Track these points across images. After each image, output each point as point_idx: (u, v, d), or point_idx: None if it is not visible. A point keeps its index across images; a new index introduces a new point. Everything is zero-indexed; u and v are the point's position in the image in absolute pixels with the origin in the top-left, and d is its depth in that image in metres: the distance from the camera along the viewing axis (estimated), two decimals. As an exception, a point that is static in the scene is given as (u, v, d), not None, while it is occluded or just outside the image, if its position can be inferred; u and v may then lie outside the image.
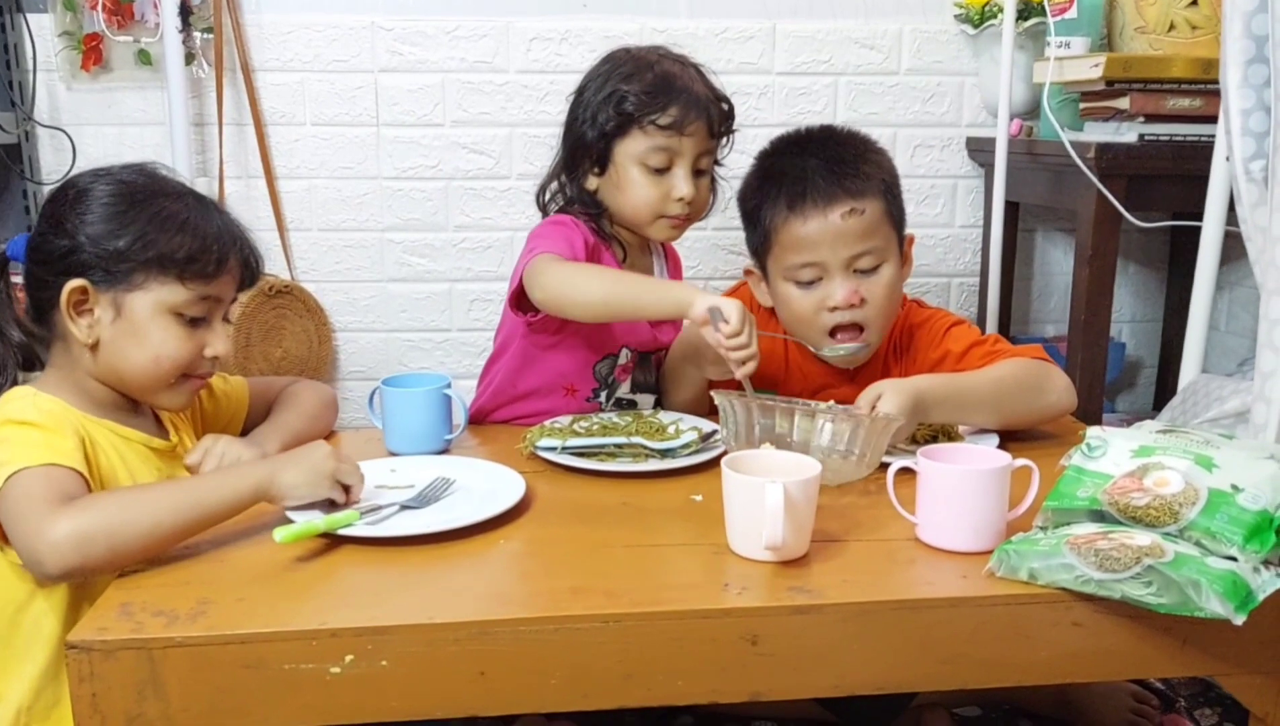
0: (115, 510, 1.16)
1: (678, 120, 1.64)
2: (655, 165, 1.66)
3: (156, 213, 1.33)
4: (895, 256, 1.65)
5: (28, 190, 2.36)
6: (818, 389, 1.72)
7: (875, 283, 1.63)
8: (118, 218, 1.32)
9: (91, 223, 1.31)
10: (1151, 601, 1.06)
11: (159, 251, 1.31)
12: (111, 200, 1.33)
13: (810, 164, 1.63)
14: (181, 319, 1.34)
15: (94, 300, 1.31)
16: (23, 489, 1.17)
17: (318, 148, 2.45)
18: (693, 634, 1.06)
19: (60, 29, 2.32)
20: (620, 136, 1.67)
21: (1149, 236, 2.59)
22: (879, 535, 1.25)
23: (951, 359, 1.67)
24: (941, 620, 1.09)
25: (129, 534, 1.15)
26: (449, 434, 1.56)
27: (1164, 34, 2.17)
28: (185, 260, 1.32)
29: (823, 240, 1.61)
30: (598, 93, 1.69)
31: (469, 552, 1.21)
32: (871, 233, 1.61)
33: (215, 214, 1.39)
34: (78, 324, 1.31)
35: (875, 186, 1.63)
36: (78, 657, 1.00)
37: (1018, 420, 1.59)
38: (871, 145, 1.70)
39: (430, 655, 1.04)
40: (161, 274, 1.32)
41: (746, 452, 1.26)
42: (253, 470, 1.28)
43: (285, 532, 1.18)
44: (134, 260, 1.31)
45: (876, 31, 2.51)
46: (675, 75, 1.69)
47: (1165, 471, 1.19)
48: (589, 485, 1.43)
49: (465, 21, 2.42)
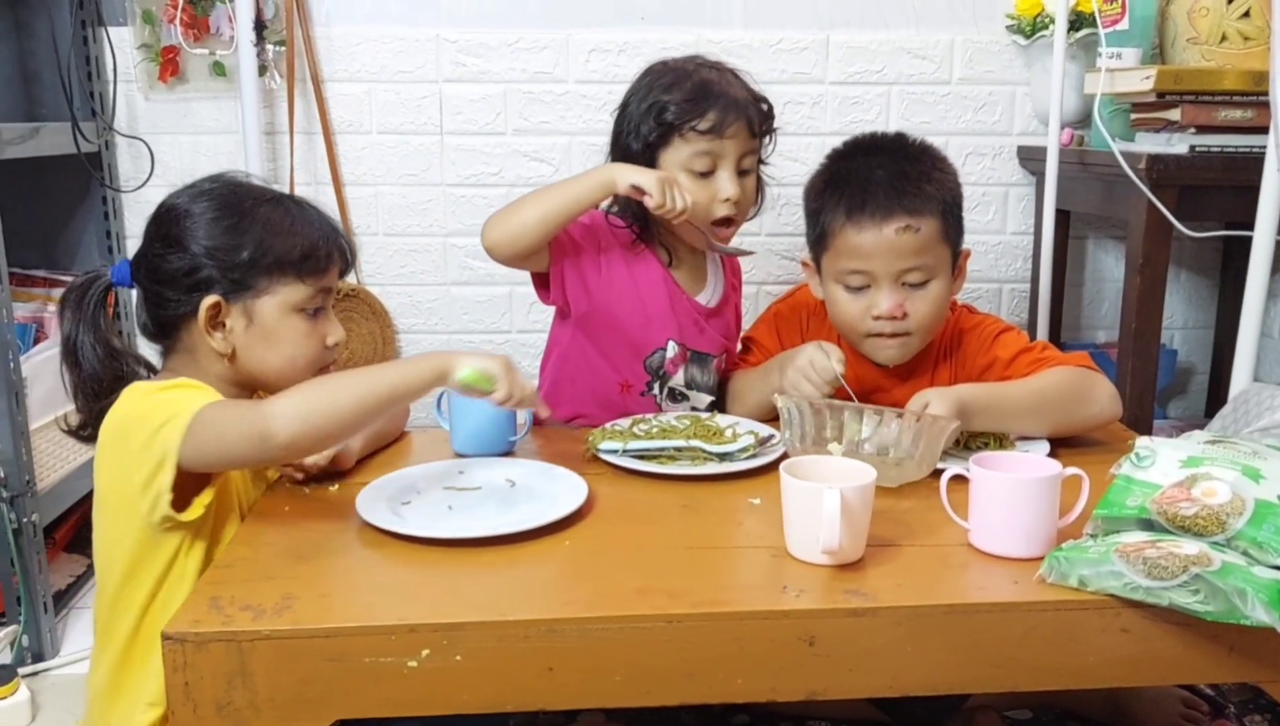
0: (324, 390, 1.30)
1: (717, 124, 1.69)
2: (700, 169, 1.71)
3: (265, 219, 1.41)
4: (946, 273, 1.67)
5: (107, 197, 2.44)
6: (871, 391, 1.74)
7: (921, 298, 1.65)
8: (232, 230, 1.39)
9: (208, 238, 1.39)
10: (1198, 609, 1.08)
11: (277, 255, 1.40)
12: (219, 214, 1.40)
13: (875, 174, 1.65)
14: (304, 314, 1.43)
15: (226, 312, 1.40)
16: (214, 411, 1.27)
17: (384, 155, 2.52)
18: (752, 634, 1.10)
19: (139, 42, 2.41)
20: (664, 146, 1.72)
21: (1200, 243, 2.59)
22: (932, 540, 1.27)
23: (999, 365, 1.69)
24: (993, 624, 1.12)
25: (340, 407, 1.27)
26: (514, 436, 1.61)
27: (1216, 45, 2.17)
28: (301, 258, 1.41)
29: (875, 252, 1.63)
30: (640, 105, 1.74)
31: (536, 553, 1.24)
32: (924, 250, 1.63)
33: (311, 210, 1.48)
34: (214, 337, 1.39)
35: (934, 206, 1.63)
36: (173, 648, 1.05)
37: (1061, 428, 1.61)
38: (939, 162, 1.71)
39: (501, 650, 1.08)
40: (282, 275, 1.40)
41: (804, 458, 1.30)
42: (435, 357, 1.37)
43: (468, 374, 1.33)
44: (257, 267, 1.39)
45: (929, 42, 2.54)
46: (713, 81, 1.73)
47: (1213, 482, 1.21)
48: (649, 487, 1.46)
49: (527, 34, 2.48)
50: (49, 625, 2.06)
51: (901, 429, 1.40)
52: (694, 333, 1.82)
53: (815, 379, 1.61)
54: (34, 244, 2.45)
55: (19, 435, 1.95)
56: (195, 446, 1.25)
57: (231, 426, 1.26)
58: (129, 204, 2.50)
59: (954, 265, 1.70)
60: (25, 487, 1.97)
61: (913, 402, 1.49)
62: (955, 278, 1.71)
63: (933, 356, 1.76)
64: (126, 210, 2.50)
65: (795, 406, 1.46)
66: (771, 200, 2.53)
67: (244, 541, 1.29)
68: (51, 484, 2.09)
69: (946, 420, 1.42)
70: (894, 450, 1.41)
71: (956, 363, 1.76)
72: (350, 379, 1.33)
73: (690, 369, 1.83)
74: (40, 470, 2.05)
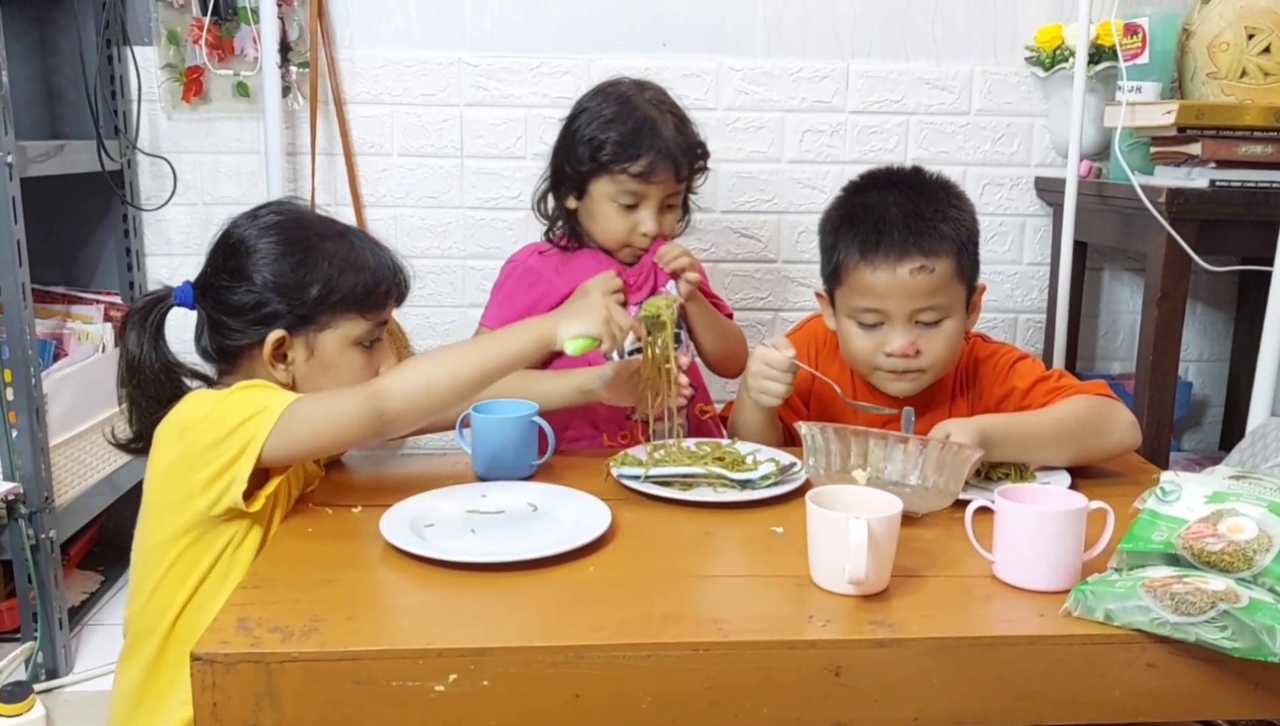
0: (436, 365, 1.37)
1: (646, 170, 1.79)
2: (625, 203, 1.84)
3: (332, 256, 1.45)
4: (960, 311, 1.66)
5: (129, 215, 2.45)
6: (886, 422, 1.72)
7: (935, 336, 1.65)
8: (300, 267, 1.44)
9: (276, 275, 1.43)
10: (1226, 645, 1.08)
11: (343, 294, 1.45)
12: (286, 250, 1.44)
13: (890, 212, 1.63)
14: (362, 347, 1.47)
15: (289, 345, 1.45)
16: (312, 401, 1.34)
17: (404, 177, 2.53)
18: (778, 664, 1.09)
19: (164, 61, 2.42)
20: (595, 177, 1.84)
21: (1216, 276, 2.59)
22: (957, 571, 1.27)
23: (1017, 395, 1.69)
24: (1019, 657, 1.12)
25: (449, 380, 1.35)
26: (536, 460, 1.61)
27: (1236, 80, 2.18)
28: (364, 295, 1.45)
29: (889, 292, 1.62)
30: (584, 130, 1.84)
31: (561, 578, 1.24)
32: (938, 291, 1.62)
33: (374, 245, 1.53)
34: (277, 369, 1.43)
35: (949, 246, 1.62)
36: (201, 669, 1.05)
37: (1082, 458, 1.60)
38: (955, 199, 1.69)
39: (528, 676, 1.07)
40: (345, 312, 1.44)
41: (829, 488, 1.29)
42: (537, 324, 1.44)
43: (576, 345, 1.41)
44: (323, 304, 1.44)
45: (948, 72, 2.55)
46: (652, 121, 1.82)
47: (1239, 518, 1.21)
48: (671, 513, 1.46)
49: (548, 59, 2.49)
50: (64, 641, 2.06)
51: (925, 457, 1.40)
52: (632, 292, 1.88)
53: (775, 374, 1.61)
54: (54, 261, 2.45)
55: (39, 452, 1.96)
56: (286, 439, 1.30)
57: (341, 409, 1.33)
58: (150, 222, 2.51)
59: (968, 301, 1.69)
60: (44, 504, 1.97)
61: (934, 433, 1.49)
62: (970, 313, 1.70)
63: (949, 389, 1.76)
64: (147, 228, 2.52)
65: (819, 432, 1.46)
66: (789, 228, 2.58)
67: (270, 562, 1.29)
68: (68, 500, 2.09)
69: (971, 449, 1.42)
70: (917, 478, 1.41)
71: (974, 393, 1.76)
72: (458, 353, 1.41)
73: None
74: (57, 486, 2.05)
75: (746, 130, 2.56)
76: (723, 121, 2.55)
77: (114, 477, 2.26)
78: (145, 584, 1.37)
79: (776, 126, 2.56)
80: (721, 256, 2.61)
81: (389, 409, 1.33)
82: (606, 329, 1.44)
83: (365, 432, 1.35)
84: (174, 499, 1.34)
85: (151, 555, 1.36)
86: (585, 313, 1.45)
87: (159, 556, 1.35)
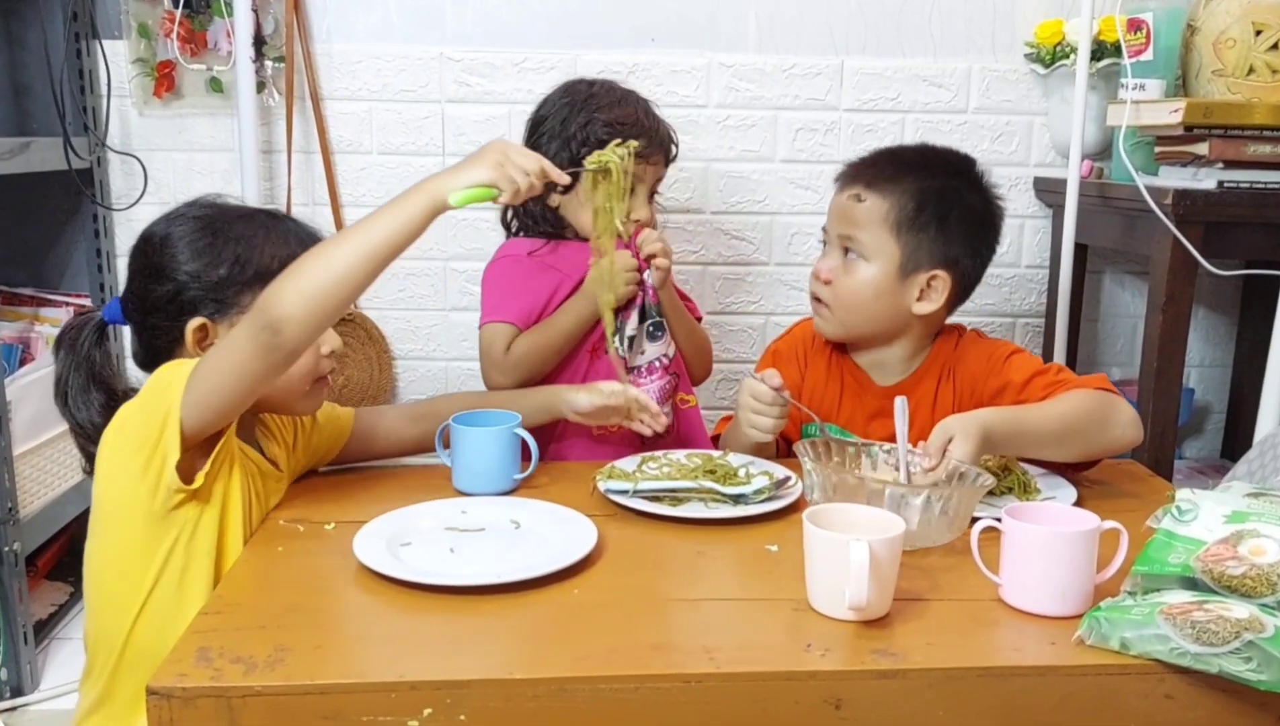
0: (315, 259, 1.24)
1: (645, 151, 1.76)
2: None
3: (240, 235, 1.40)
4: (886, 266, 1.65)
5: (98, 215, 2.39)
6: (872, 416, 1.72)
7: (850, 273, 1.67)
8: (209, 250, 1.39)
9: (187, 261, 1.39)
10: (1251, 678, 1.03)
11: (256, 268, 1.38)
12: (196, 236, 1.40)
13: (880, 157, 1.73)
14: None
15: (213, 332, 1.39)
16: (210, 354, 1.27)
17: (384, 176, 2.47)
18: (775, 695, 1.04)
19: (134, 56, 2.37)
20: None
21: (1220, 281, 2.55)
22: (961, 595, 1.22)
23: (1013, 389, 1.65)
24: (1030, 688, 1.06)
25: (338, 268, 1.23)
26: (519, 474, 1.55)
27: (1243, 78, 2.13)
28: (281, 268, 1.33)
29: (832, 212, 1.72)
30: (570, 119, 1.84)
31: (544, 601, 1.19)
32: (860, 224, 1.66)
33: (288, 221, 1.48)
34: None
35: (896, 192, 1.65)
36: (157, 704, 0.99)
37: (1083, 455, 1.57)
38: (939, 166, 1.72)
39: (508, 710, 1.02)
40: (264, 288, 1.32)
41: (828, 506, 1.24)
42: (423, 188, 1.28)
43: (460, 196, 1.26)
44: (237, 283, 1.38)
45: (945, 69, 2.50)
46: (645, 106, 1.88)
47: (1261, 539, 1.15)
48: (660, 530, 1.41)
49: (533, 54, 2.43)
50: (29, 657, 2.00)
51: (932, 498, 1.32)
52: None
53: (762, 408, 1.59)
54: (22, 262, 2.41)
55: (2, 461, 1.90)
56: (198, 397, 1.24)
57: (238, 347, 1.24)
58: (120, 222, 2.45)
59: (905, 272, 1.65)
60: (8, 515, 1.91)
61: (935, 436, 1.43)
62: (919, 295, 1.66)
63: (934, 378, 1.73)
64: (118, 228, 2.45)
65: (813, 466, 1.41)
66: (782, 229, 2.53)
67: (234, 585, 1.23)
68: (35, 511, 2.04)
69: (978, 484, 1.35)
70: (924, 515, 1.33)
71: (958, 384, 1.72)
72: (340, 239, 1.28)
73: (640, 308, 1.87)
74: (23, 496, 1.99)
75: (738, 128, 2.50)
76: (713, 119, 2.49)
77: (83, 486, 2.20)
78: (97, 598, 1.32)
79: (769, 125, 2.51)
80: (712, 259, 2.55)
81: (275, 316, 1.21)
82: (501, 173, 1.29)
83: (263, 356, 1.23)
84: (119, 502, 1.29)
85: (102, 567, 1.31)
86: (477, 158, 1.30)
87: (108, 566, 1.30)
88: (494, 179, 1.29)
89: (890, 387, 1.73)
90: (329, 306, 1.25)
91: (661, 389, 1.85)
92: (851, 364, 1.76)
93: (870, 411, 1.73)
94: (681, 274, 2.29)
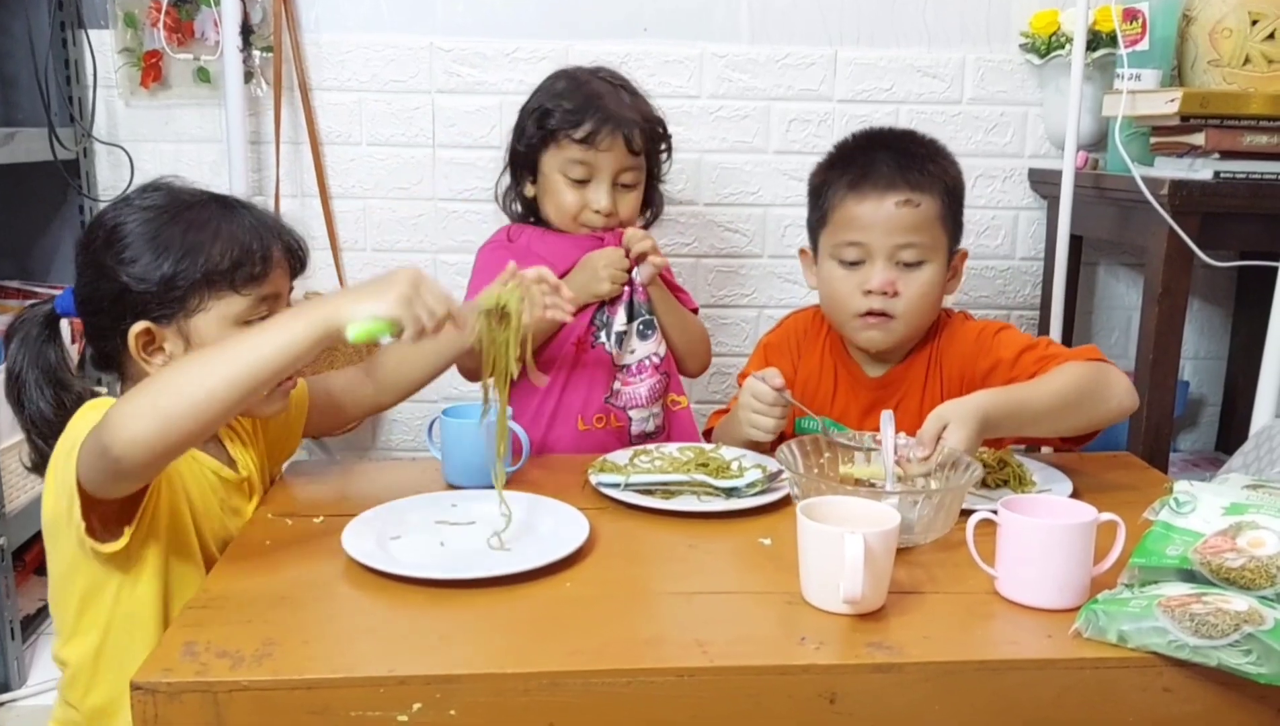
0: (162, 382, 1.11)
1: (591, 135, 1.76)
2: (576, 176, 1.80)
3: (187, 229, 1.28)
4: (941, 261, 1.66)
5: (84, 206, 2.37)
6: (866, 409, 1.72)
7: (914, 278, 1.64)
8: (152, 246, 1.27)
9: (130, 260, 1.27)
10: (1250, 670, 1.02)
11: (204, 268, 1.27)
12: (142, 229, 1.28)
13: (880, 154, 1.67)
14: (248, 327, 1.29)
15: (160, 337, 1.29)
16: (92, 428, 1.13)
17: (373, 168, 2.45)
18: (770, 690, 1.03)
19: (120, 45, 2.34)
20: (544, 149, 1.81)
21: (1215, 272, 2.54)
22: (957, 588, 1.21)
23: (1004, 367, 1.64)
24: (1027, 682, 1.05)
25: (191, 397, 1.09)
26: (510, 467, 1.54)
27: (1238, 67, 2.12)
28: (231, 268, 1.28)
29: (874, 223, 1.64)
30: (530, 105, 1.84)
31: (535, 595, 1.18)
32: (921, 228, 1.63)
33: (243, 211, 1.34)
34: (152, 364, 1.28)
35: (936, 186, 1.65)
36: (142, 699, 0.98)
37: (1081, 428, 1.57)
38: (943, 151, 1.73)
39: (499, 705, 1.01)
40: (214, 289, 1.28)
41: (822, 499, 1.22)
42: (319, 308, 1.15)
43: (359, 329, 1.13)
44: (183, 284, 1.27)
45: (940, 60, 2.48)
46: (601, 94, 1.80)
47: (1260, 531, 1.14)
48: (652, 523, 1.39)
49: (524, 44, 2.41)
50: (16, 653, 1.99)
51: (921, 503, 1.30)
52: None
53: (763, 408, 1.58)
54: (8, 254, 2.38)
55: (-13, 455, 1.87)
56: (84, 472, 1.13)
57: (88, 442, 1.12)
58: (108, 214, 2.41)
59: (949, 260, 1.69)
60: (-7, 510, 1.89)
61: (929, 424, 1.42)
62: (950, 277, 1.70)
63: (924, 362, 1.72)
64: (106, 220, 2.42)
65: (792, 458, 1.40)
66: (775, 221, 2.51)
67: (221, 578, 1.21)
68: (20, 505, 2.02)
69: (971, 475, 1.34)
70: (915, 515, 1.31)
71: (948, 366, 1.72)
72: (205, 357, 1.15)
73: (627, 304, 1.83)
74: (9, 491, 1.97)
75: (730, 119, 2.49)
76: (706, 110, 2.47)
77: (70, 480, 2.17)
78: (64, 620, 1.27)
79: (762, 115, 2.49)
80: (704, 251, 2.53)
81: (113, 440, 1.08)
82: (408, 311, 1.16)
83: (103, 477, 1.12)
84: (59, 525, 1.20)
85: (63, 592, 1.26)
86: (383, 287, 1.17)
87: (71, 592, 1.24)
88: (398, 315, 1.16)
89: (881, 376, 1.73)
90: (179, 436, 1.10)
91: (651, 388, 1.83)
92: (844, 355, 1.76)
93: (864, 404, 1.73)
94: (674, 267, 2.27)
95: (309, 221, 2.40)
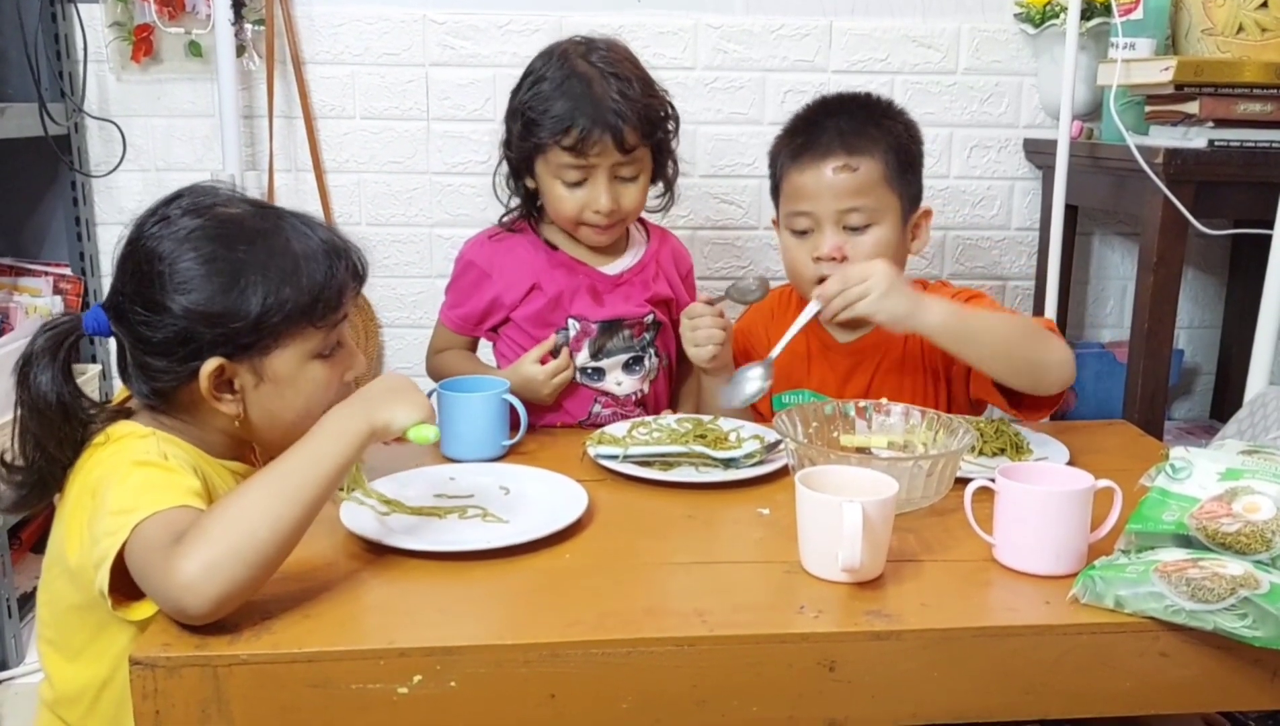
0: (227, 526, 1.03)
1: (579, 142, 1.66)
2: (571, 180, 1.71)
3: (265, 266, 1.21)
4: (893, 222, 1.68)
5: (76, 182, 2.35)
6: (844, 378, 1.75)
7: (862, 242, 1.66)
8: (230, 289, 1.20)
9: (201, 303, 1.20)
10: (1246, 634, 1.02)
11: (287, 311, 1.22)
12: (209, 269, 1.20)
13: (826, 121, 1.70)
14: (322, 358, 1.27)
15: (232, 372, 1.23)
16: (145, 540, 1.06)
17: (367, 141, 2.43)
18: (769, 658, 1.04)
19: (111, 20, 2.31)
20: (536, 156, 1.73)
21: (1209, 241, 2.54)
22: (955, 555, 1.21)
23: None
24: (1025, 648, 1.06)
25: (254, 542, 1.03)
26: (507, 440, 1.54)
27: (1232, 36, 2.11)
28: (311, 304, 1.23)
29: (816, 192, 1.66)
30: (516, 102, 1.74)
31: (535, 567, 1.18)
32: (863, 191, 1.65)
33: (312, 236, 1.27)
34: (222, 401, 1.23)
35: (877, 147, 1.66)
36: (141, 674, 0.98)
37: (1020, 372, 1.53)
38: (892, 111, 1.74)
39: (500, 676, 1.01)
40: (294, 326, 1.23)
41: (820, 468, 1.23)
42: (357, 416, 1.14)
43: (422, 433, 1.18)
44: (265, 326, 1.21)
45: (934, 30, 2.47)
46: (589, 88, 1.68)
47: (1255, 496, 1.15)
48: (651, 495, 1.40)
49: (518, 16, 2.39)
50: (14, 631, 1.99)
51: (914, 471, 1.30)
52: (590, 304, 1.79)
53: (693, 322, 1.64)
54: None
55: (-18, 432, 1.86)
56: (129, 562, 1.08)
57: (147, 579, 1.06)
58: (99, 189, 2.40)
59: (906, 218, 1.70)
60: (-11, 487, 1.88)
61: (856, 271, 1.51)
62: (912, 236, 1.73)
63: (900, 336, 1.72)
64: (97, 196, 2.41)
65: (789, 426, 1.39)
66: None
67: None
68: (17, 483, 2.00)
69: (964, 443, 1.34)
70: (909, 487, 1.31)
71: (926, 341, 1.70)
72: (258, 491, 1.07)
73: (598, 341, 1.78)
74: (5, 468, 1.95)
75: (726, 90, 2.47)
76: (701, 81, 2.46)
77: (67, 457, 2.17)
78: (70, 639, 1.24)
79: (757, 86, 2.47)
80: (700, 223, 2.53)
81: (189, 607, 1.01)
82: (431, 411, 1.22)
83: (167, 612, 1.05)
84: (83, 566, 1.14)
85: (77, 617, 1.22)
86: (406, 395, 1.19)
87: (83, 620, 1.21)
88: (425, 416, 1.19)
89: (853, 342, 1.76)
90: (249, 582, 1.04)
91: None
92: (815, 325, 1.71)
93: (841, 373, 1.76)
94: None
95: (303, 196, 2.39)
